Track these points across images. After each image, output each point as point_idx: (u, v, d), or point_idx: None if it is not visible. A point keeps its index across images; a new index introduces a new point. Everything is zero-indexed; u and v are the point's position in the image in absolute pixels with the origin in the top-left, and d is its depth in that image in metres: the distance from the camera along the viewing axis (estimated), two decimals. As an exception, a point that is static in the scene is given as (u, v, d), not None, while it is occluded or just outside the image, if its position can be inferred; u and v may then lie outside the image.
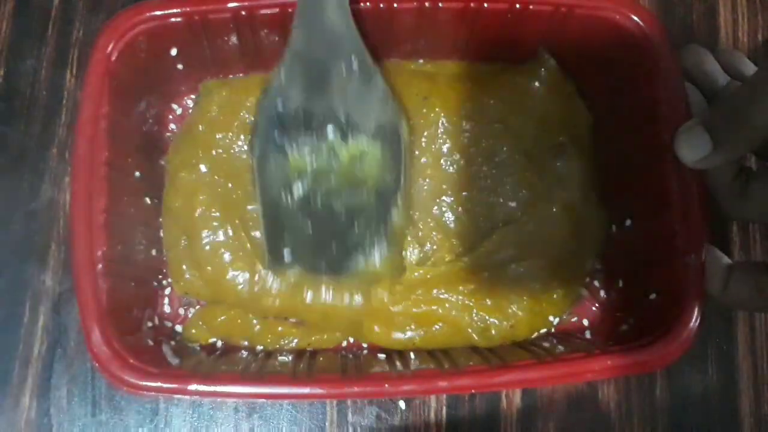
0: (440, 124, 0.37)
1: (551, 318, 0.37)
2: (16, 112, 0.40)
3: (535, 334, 0.37)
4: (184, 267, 0.37)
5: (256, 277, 0.36)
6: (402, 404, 0.38)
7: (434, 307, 0.37)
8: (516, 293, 0.37)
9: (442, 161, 0.38)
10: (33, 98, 0.40)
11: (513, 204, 0.37)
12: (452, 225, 0.37)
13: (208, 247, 0.36)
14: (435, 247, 0.37)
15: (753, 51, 0.43)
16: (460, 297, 0.37)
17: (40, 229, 0.39)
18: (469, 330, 0.36)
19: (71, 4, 0.41)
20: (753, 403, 0.39)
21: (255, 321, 0.37)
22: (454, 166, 0.38)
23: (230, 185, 0.37)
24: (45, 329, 0.38)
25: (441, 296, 0.37)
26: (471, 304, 0.37)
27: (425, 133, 0.37)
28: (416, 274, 0.37)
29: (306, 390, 0.31)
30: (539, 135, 0.38)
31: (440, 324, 0.37)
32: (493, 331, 0.36)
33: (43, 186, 0.39)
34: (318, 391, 0.31)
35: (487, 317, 0.36)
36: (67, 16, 0.41)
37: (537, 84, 0.38)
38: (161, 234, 0.37)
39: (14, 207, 0.39)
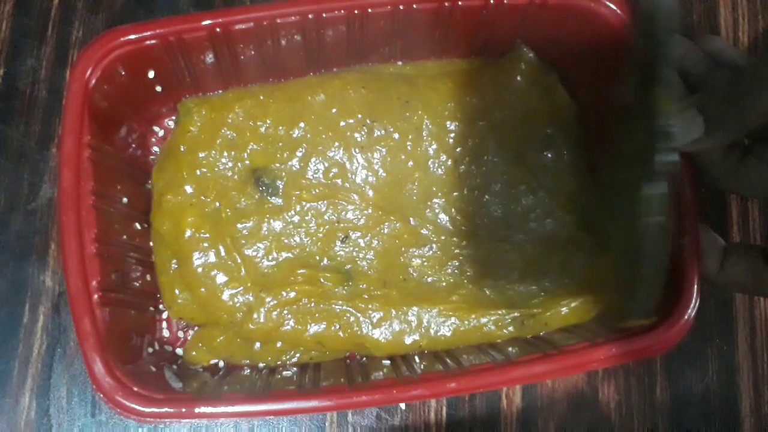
0: (424, 126, 0.37)
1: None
2: (16, 111, 0.40)
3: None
4: (176, 291, 0.36)
5: (246, 300, 0.36)
6: (402, 404, 0.38)
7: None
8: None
9: (429, 163, 0.37)
10: (33, 98, 0.40)
11: (512, 204, 0.37)
12: (449, 225, 0.37)
13: (200, 270, 0.36)
14: (435, 248, 0.37)
15: (754, 51, 0.43)
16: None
17: (40, 228, 0.39)
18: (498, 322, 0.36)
19: (71, 4, 0.41)
20: (753, 404, 0.39)
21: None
22: (443, 167, 0.37)
23: (218, 204, 0.36)
24: (45, 329, 0.38)
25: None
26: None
27: (410, 137, 0.37)
28: (429, 279, 0.37)
29: (314, 403, 0.31)
30: (526, 129, 0.38)
31: (454, 320, 0.37)
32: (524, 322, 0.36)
33: (43, 186, 0.39)
34: (327, 403, 0.31)
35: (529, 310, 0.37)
36: (66, 16, 0.41)
37: (519, 78, 0.38)
38: (153, 259, 0.37)
39: (14, 206, 0.39)
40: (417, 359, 0.35)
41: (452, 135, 0.38)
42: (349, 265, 0.37)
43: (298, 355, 0.37)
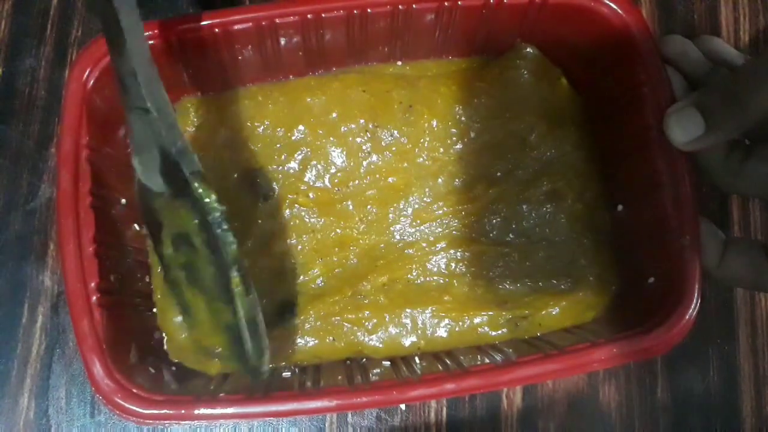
0: (429, 131, 0.37)
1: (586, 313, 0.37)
2: (15, 111, 0.40)
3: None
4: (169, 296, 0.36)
5: None
6: (402, 405, 0.38)
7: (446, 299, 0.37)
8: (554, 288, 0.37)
9: (432, 169, 0.37)
10: (32, 98, 0.40)
11: (516, 206, 0.37)
12: (448, 232, 0.37)
13: None
14: (427, 251, 0.37)
15: (755, 50, 0.43)
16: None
17: (39, 228, 0.39)
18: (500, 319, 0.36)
19: (70, 4, 0.41)
20: (755, 404, 0.39)
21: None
22: (446, 173, 0.37)
23: None
24: (43, 329, 0.38)
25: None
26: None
27: (415, 142, 0.37)
28: (419, 281, 0.37)
29: (314, 404, 0.31)
30: (532, 125, 0.38)
31: (448, 321, 0.36)
32: (517, 324, 0.36)
33: (42, 186, 0.39)
34: (326, 404, 0.31)
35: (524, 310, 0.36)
36: (66, 15, 0.41)
37: (525, 74, 0.38)
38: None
39: (13, 206, 0.39)
40: (417, 360, 0.35)
41: (457, 138, 0.38)
42: (337, 271, 0.37)
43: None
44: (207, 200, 0.28)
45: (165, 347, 0.36)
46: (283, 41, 0.35)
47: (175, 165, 0.28)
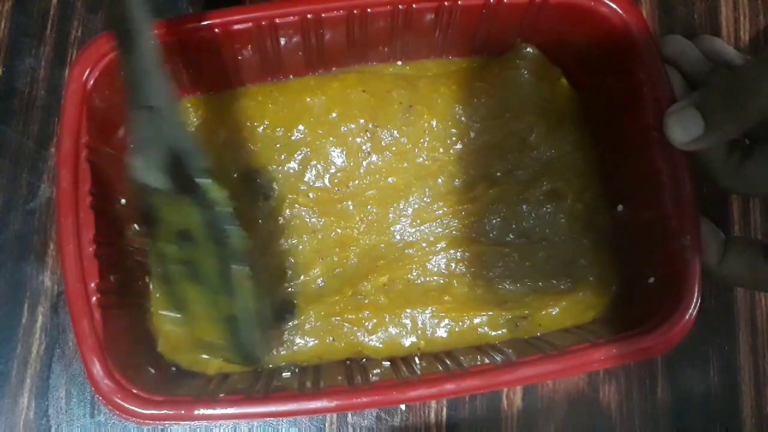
0: (430, 130, 0.37)
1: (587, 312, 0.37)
2: (15, 111, 0.40)
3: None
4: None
5: None
6: (402, 405, 0.38)
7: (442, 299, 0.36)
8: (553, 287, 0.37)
9: (432, 170, 0.37)
10: (31, 98, 0.40)
11: (516, 207, 0.37)
12: (448, 233, 0.37)
13: None
14: (427, 251, 0.37)
15: (754, 50, 0.43)
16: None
17: (39, 228, 0.39)
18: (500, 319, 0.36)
19: (70, 4, 0.41)
20: (755, 404, 0.39)
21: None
22: (446, 174, 0.37)
23: None
24: (43, 329, 0.38)
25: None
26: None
27: (415, 143, 0.37)
28: (419, 281, 0.37)
29: (314, 405, 0.31)
30: (532, 125, 0.38)
31: (448, 321, 0.36)
32: (517, 324, 0.36)
33: (42, 186, 0.39)
34: (326, 404, 0.31)
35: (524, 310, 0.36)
36: (66, 15, 0.41)
37: (525, 74, 0.38)
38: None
39: (12, 206, 0.39)
40: (417, 360, 0.35)
41: (457, 138, 0.38)
42: (337, 271, 0.37)
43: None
44: (219, 197, 0.28)
45: (159, 349, 0.35)
46: (283, 41, 0.35)
47: (180, 162, 0.28)
